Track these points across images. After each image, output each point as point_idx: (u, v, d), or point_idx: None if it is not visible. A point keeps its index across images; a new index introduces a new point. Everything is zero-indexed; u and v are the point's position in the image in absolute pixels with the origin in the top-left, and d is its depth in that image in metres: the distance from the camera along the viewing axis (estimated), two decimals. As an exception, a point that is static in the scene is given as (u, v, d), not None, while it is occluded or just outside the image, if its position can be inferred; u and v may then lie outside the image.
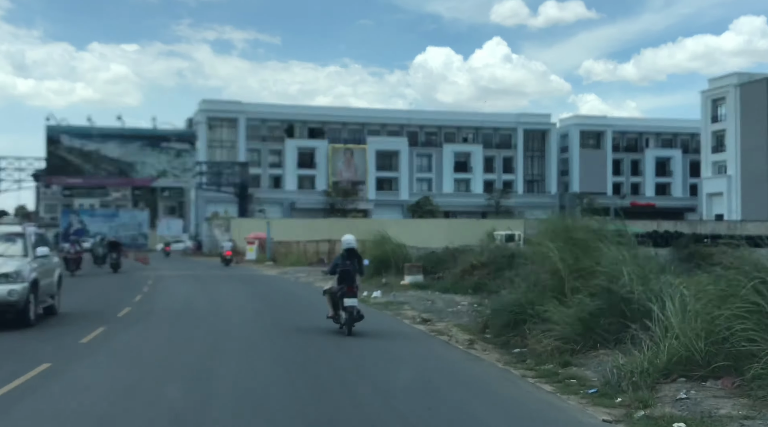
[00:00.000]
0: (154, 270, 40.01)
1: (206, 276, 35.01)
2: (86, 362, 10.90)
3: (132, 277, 33.64)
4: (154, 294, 23.52)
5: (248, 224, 67.81)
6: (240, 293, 25.05)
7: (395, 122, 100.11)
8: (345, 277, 13.93)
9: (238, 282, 30.58)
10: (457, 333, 13.96)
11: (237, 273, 38.31)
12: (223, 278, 33.10)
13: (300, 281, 31.97)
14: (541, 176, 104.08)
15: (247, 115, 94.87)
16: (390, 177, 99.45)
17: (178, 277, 33.94)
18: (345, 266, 14.02)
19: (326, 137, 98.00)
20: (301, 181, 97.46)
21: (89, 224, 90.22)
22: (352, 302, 13.66)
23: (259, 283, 30.73)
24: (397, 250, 28.67)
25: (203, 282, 30.52)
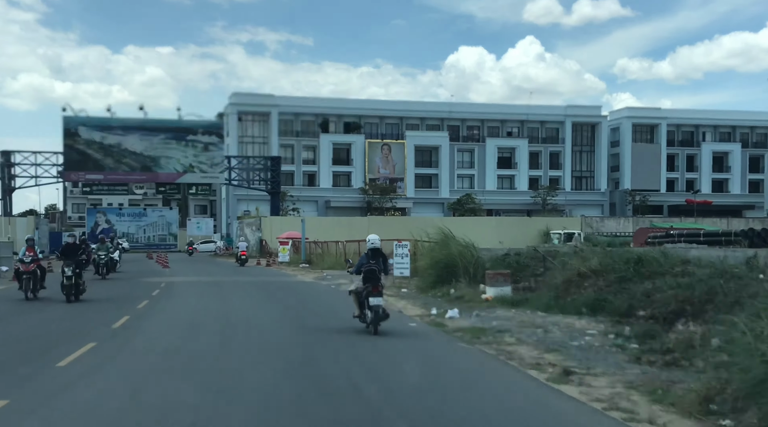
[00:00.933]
0: (168, 275, 34.19)
1: (228, 283, 29.07)
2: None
3: (136, 286, 27.82)
4: (146, 317, 17.41)
5: (280, 223, 62.00)
6: (266, 312, 18.92)
7: (435, 116, 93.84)
8: (370, 276, 13.84)
9: (266, 293, 24.57)
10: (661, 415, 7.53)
11: (266, 279, 32.36)
12: (247, 287, 27.11)
13: (342, 288, 25.88)
14: (590, 172, 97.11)
15: (280, 109, 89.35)
16: (430, 173, 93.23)
17: (193, 284, 28.06)
18: (370, 266, 13.98)
19: (363, 132, 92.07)
20: (337, 178, 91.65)
21: (116, 224, 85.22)
22: (378, 301, 13.65)
23: (293, 293, 24.65)
24: (466, 252, 22.36)
25: (222, 293, 24.55)
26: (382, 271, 14.24)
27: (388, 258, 15.98)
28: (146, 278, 31.71)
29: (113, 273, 33.48)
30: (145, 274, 35.55)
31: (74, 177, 60.86)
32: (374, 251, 14.28)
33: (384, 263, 14.41)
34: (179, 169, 62.70)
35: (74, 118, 60.81)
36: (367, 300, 13.82)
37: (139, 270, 39.47)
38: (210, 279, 31.16)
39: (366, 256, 14.37)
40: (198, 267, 44.32)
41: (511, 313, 16.20)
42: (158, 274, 35.88)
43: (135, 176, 62.48)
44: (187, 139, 62.69)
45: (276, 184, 65.49)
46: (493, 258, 23.07)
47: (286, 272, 38.58)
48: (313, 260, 45.98)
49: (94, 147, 60.85)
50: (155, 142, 62.09)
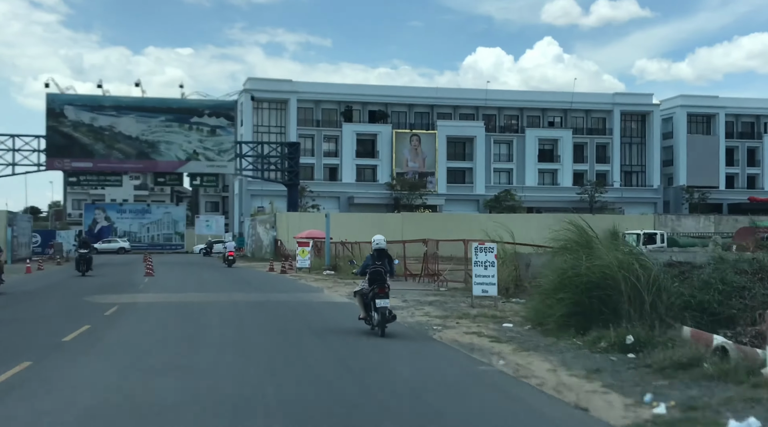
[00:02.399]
0: (136, 290, 24.17)
1: (215, 308, 18.84)
2: None
3: (65, 312, 17.83)
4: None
5: (299, 220, 52.15)
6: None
7: (469, 104, 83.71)
8: (376, 278, 13.56)
9: (278, 335, 14.33)
10: None
11: (277, 297, 22.35)
12: (245, 319, 16.78)
13: (409, 320, 16.13)
14: (640, 167, 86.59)
15: (299, 96, 79.63)
16: (463, 167, 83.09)
17: (156, 312, 17.77)
18: (376, 267, 13.68)
19: (389, 122, 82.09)
20: (361, 172, 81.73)
21: (117, 222, 75.74)
22: (385, 302, 13.38)
23: (327, 340, 14.52)
24: (630, 263, 12.34)
25: (195, 339, 13.96)
26: (388, 272, 13.82)
27: (393, 258, 14.50)
28: (100, 296, 21.72)
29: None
30: (109, 286, 25.70)
31: (58, 165, 51.26)
32: (379, 252, 13.86)
33: (390, 264, 13.98)
34: (181, 157, 52.91)
35: (59, 96, 51.14)
36: (373, 302, 13.44)
37: (106, 281, 29.59)
38: (193, 298, 21.02)
39: (371, 257, 13.93)
40: (188, 275, 34.32)
41: None
42: (126, 286, 26.03)
43: (129, 165, 52.73)
44: (191, 121, 52.88)
45: (294, 174, 55.51)
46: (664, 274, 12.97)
47: (306, 284, 28.53)
48: (339, 265, 36.05)
49: (83, 130, 51.20)
50: (154, 125, 52.34)
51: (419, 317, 16.45)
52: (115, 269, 41.17)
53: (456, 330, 14.15)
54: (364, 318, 13.88)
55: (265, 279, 31.37)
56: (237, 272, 38.34)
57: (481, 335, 13.40)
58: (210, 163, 53.44)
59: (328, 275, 33.51)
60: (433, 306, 18.67)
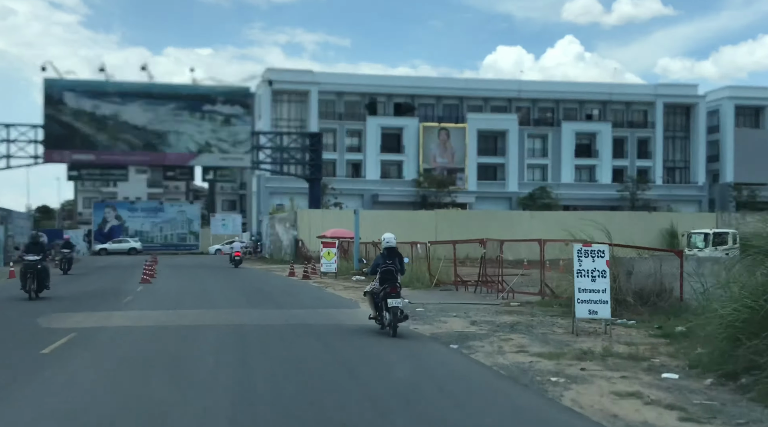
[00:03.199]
0: (118, 307, 18.56)
1: (213, 336, 13.18)
2: None
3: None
4: None
5: (322, 218, 46.72)
6: None
7: (501, 96, 77.89)
8: (387, 277, 13.11)
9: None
10: None
11: (297, 317, 16.77)
12: (255, 361, 11.19)
13: (502, 363, 10.47)
14: (684, 162, 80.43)
15: (320, 87, 74.19)
16: (495, 163, 77.35)
17: (137, 339, 12.42)
18: (387, 266, 13.22)
19: (416, 114, 76.49)
20: (386, 168, 76.23)
21: (128, 220, 70.73)
22: (397, 302, 12.86)
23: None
24: None
25: (163, 412, 8.43)
26: (399, 271, 13.40)
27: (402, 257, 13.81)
28: (62, 315, 16.22)
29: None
30: (87, 298, 20.30)
31: (57, 157, 46.03)
32: (390, 251, 13.48)
33: (400, 263, 13.54)
34: (192, 149, 47.51)
35: (58, 82, 45.94)
36: (384, 301, 12.98)
37: (89, 289, 24.20)
38: (185, 319, 15.16)
39: (382, 256, 13.59)
40: (191, 281, 28.76)
41: None
42: (109, 297, 20.60)
43: (135, 157, 47.39)
44: (203, 109, 47.49)
45: (316, 168, 50.02)
46: None
47: (334, 293, 22.97)
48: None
49: (84, 119, 45.97)
50: (162, 114, 47.02)
51: (513, 355, 10.87)
52: (113, 272, 35.93)
53: (595, 387, 8.57)
54: (375, 318, 13.52)
55: (284, 287, 25.90)
56: (251, 277, 32.90)
57: (650, 402, 7.82)
58: (224, 156, 48.05)
59: (358, 280, 28.00)
60: (520, 333, 13.10)
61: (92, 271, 38.44)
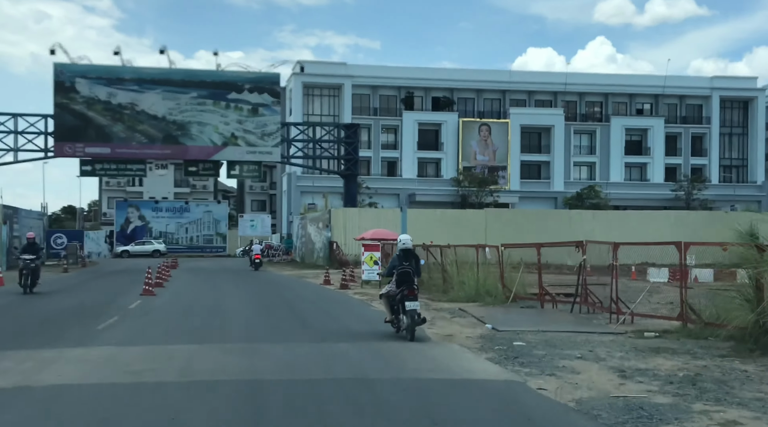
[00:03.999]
0: (91, 333, 13.40)
1: (204, 411, 8.03)
2: None
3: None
4: None
5: (357, 217, 41.59)
6: None
7: (546, 89, 72.25)
8: (404, 279, 12.54)
9: None
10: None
11: (350, 358, 11.44)
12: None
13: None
14: (741, 160, 74.11)
15: (354, 80, 69.21)
16: (539, 161, 71.78)
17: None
18: (404, 267, 12.61)
19: (455, 109, 71.12)
20: (423, 166, 71.02)
21: (152, 221, 66.19)
22: (414, 305, 12.25)
23: None
24: None
25: None
26: (415, 273, 12.75)
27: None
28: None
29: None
30: (48, 323, 15.09)
31: (69, 150, 41.19)
32: (406, 252, 12.86)
33: (417, 265, 12.92)
34: (217, 142, 42.48)
35: (69, 67, 41.12)
36: (402, 304, 12.46)
37: (72, 302, 19.12)
38: (167, 373, 10.00)
39: (398, 257, 12.92)
40: (203, 293, 23.53)
41: None
42: (82, 320, 15.24)
43: (154, 150, 42.34)
44: (228, 98, 42.46)
45: (352, 163, 44.76)
46: None
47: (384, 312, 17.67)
48: (422, 280, 25.23)
49: (98, 108, 41.15)
50: (183, 103, 42.06)
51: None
52: (119, 278, 31.10)
53: None
54: (390, 321, 12.88)
55: (319, 301, 20.71)
56: (280, 285, 27.83)
57: None
58: (251, 149, 42.93)
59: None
60: (720, 400, 7.72)
61: (97, 276, 33.69)
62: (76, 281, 29.58)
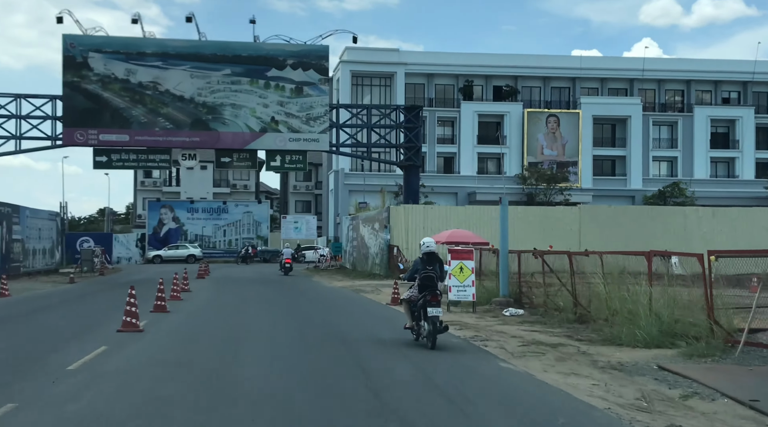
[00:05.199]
0: (59, 373, 5.52)
1: None
2: None
3: None
4: None
5: (422, 216, 33.47)
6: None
7: (621, 76, 63.56)
8: (428, 284, 11.60)
9: None
10: None
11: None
12: None
13: None
14: (844, 154, 64.31)
15: (408, 68, 61.40)
16: (613, 155, 63.12)
17: None
18: (427, 272, 11.68)
19: (520, 99, 62.77)
20: (483, 162, 62.86)
21: (187, 224, 58.95)
22: (437, 311, 11.36)
23: None
24: None
25: None
26: (439, 278, 11.89)
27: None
28: None
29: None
30: (19, 357, 6.84)
31: (80, 138, 33.74)
32: (429, 256, 11.91)
33: (440, 269, 12.00)
34: (254, 128, 34.69)
35: (81, 39, 33.67)
36: (423, 310, 11.53)
37: (58, 323, 11.18)
38: None
39: (421, 261, 11.98)
40: (225, 315, 15.65)
41: None
42: (49, 359, 7.19)
43: (181, 138, 34.51)
44: (267, 75, 34.74)
45: (414, 151, 36.60)
46: None
47: (509, 368, 9.46)
48: (532, 300, 17.13)
49: (115, 88, 33.73)
50: (215, 82, 34.45)
51: None
52: (123, 294, 23.39)
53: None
54: (410, 328, 12.06)
55: (402, 346, 12.42)
56: (328, 305, 20.01)
57: None
58: (295, 136, 35.12)
59: (516, 318, 14.64)
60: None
61: (105, 289, 26.26)
62: (63, 299, 22.08)
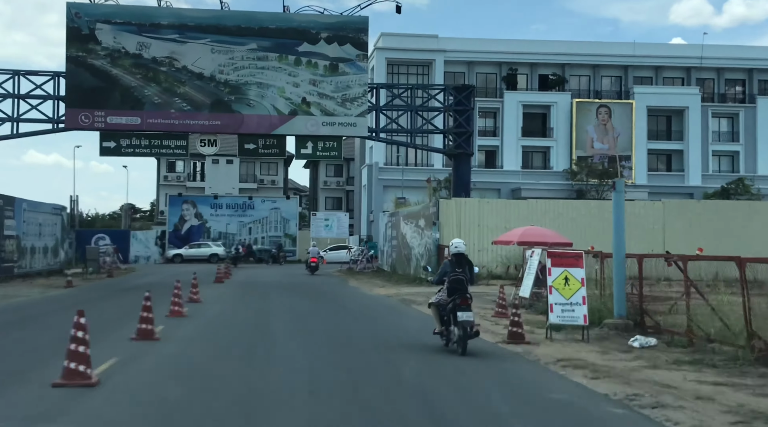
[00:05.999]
0: None
1: None
2: None
3: None
4: None
5: (477, 211, 28.10)
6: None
7: (677, 64, 57.84)
8: (457, 287, 10.97)
9: None
10: None
11: None
12: None
13: None
14: None
15: (447, 56, 56.14)
16: (669, 149, 57.43)
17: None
18: (456, 275, 11.04)
19: (567, 89, 57.25)
20: (528, 156, 57.49)
21: (210, 220, 54.24)
22: (468, 315, 10.76)
23: None
24: None
25: None
26: (469, 281, 11.20)
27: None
28: None
29: None
30: None
31: (85, 120, 28.84)
32: (458, 257, 11.27)
33: (470, 272, 11.32)
34: (283, 110, 29.62)
35: (88, 8, 28.73)
36: (453, 315, 10.94)
37: None
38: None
39: (450, 263, 11.33)
40: (243, 340, 10.49)
41: None
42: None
43: (200, 121, 29.48)
44: (298, 50, 29.75)
45: (464, 138, 31.18)
46: None
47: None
48: (658, 323, 11.54)
49: (125, 64, 28.91)
50: (239, 57, 29.50)
51: None
52: (120, 303, 18.45)
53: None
54: (439, 333, 11.43)
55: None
56: (380, 327, 14.79)
57: None
58: (329, 120, 30.04)
59: (655, 352, 9.32)
60: None
61: (103, 297, 21.36)
62: (30, 314, 17.13)
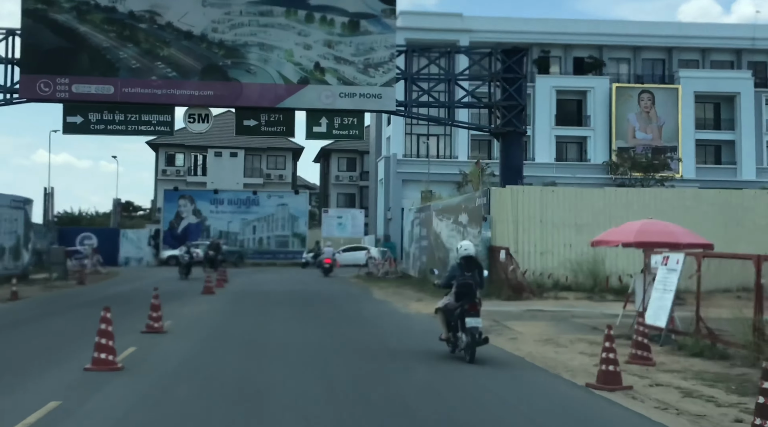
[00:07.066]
0: None
1: None
2: None
3: None
4: None
5: (539, 202, 21.58)
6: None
7: (726, 46, 51.18)
8: (466, 292, 10.38)
9: None
10: None
11: None
12: None
13: None
14: None
15: (472, 36, 49.62)
16: (719, 140, 50.89)
17: None
18: (465, 279, 10.45)
19: (605, 73, 50.68)
20: (562, 147, 51.00)
21: (210, 217, 47.73)
22: (476, 322, 10.12)
23: None
24: None
25: None
26: (478, 285, 10.59)
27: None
28: None
29: None
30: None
31: (44, 90, 22.31)
32: (468, 261, 10.69)
33: (480, 276, 10.69)
34: (291, 78, 22.89)
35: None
36: (461, 321, 10.29)
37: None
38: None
39: (459, 266, 10.69)
40: None
41: None
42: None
43: (188, 90, 22.92)
44: (310, 3, 23.13)
45: (515, 113, 24.45)
46: None
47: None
48: None
49: (95, 19, 22.30)
50: (237, 12, 22.84)
51: None
52: (61, 331, 11.83)
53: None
54: (446, 339, 10.74)
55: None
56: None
57: None
58: (348, 90, 23.42)
59: None
60: None
61: (46, 314, 14.78)
62: None
